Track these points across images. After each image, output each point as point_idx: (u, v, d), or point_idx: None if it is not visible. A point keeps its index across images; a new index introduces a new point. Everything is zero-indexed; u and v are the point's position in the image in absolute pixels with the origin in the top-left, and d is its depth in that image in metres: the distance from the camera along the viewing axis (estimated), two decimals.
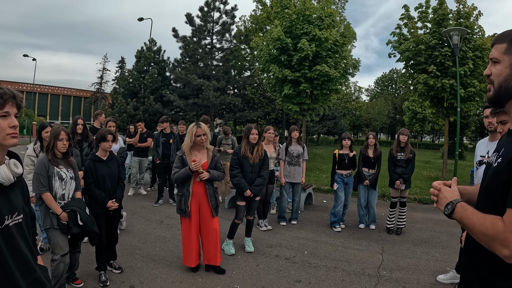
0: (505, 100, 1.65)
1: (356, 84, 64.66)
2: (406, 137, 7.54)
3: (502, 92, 1.63)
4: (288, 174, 8.11)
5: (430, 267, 5.77)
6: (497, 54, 1.65)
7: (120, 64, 63.81)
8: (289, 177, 8.11)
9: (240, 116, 26.25)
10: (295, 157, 8.09)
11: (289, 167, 8.11)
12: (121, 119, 22.98)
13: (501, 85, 1.63)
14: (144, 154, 10.93)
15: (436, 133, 67.00)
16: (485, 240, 1.48)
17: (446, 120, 15.43)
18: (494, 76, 1.66)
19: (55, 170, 4.26)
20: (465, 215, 1.58)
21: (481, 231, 1.49)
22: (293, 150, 8.11)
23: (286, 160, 8.11)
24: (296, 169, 8.11)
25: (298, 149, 8.15)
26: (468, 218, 1.56)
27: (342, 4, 35.12)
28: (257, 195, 6.27)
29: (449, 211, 1.66)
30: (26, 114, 49.95)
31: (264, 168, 6.31)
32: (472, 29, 14.03)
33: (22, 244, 1.81)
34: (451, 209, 1.65)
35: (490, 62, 1.70)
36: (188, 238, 5.28)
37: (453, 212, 1.64)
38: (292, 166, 8.09)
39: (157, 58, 26.27)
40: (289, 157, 8.09)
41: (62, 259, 4.23)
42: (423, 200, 11.00)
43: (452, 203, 1.66)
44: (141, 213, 8.71)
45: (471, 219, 1.54)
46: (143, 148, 10.80)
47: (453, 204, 1.65)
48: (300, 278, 5.26)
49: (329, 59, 16.34)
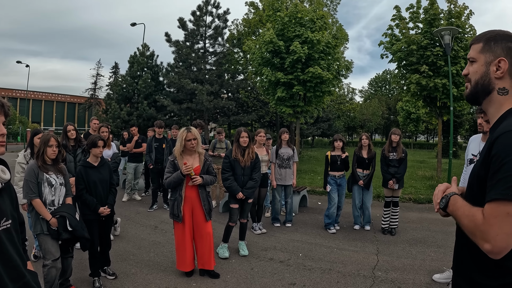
0: (482, 97, 1.70)
1: (349, 86, 64.67)
2: (398, 137, 7.55)
3: (479, 89, 1.69)
4: (279, 177, 8.13)
5: (426, 267, 5.77)
6: (474, 54, 1.71)
7: (113, 70, 63.85)
8: (281, 180, 8.13)
9: (234, 120, 26.20)
10: (286, 160, 8.11)
11: (280, 170, 8.13)
12: (115, 125, 22.87)
13: (478, 82, 1.69)
14: (139, 160, 10.93)
15: (430, 132, 67.24)
16: (469, 233, 1.50)
17: (440, 120, 15.47)
18: (471, 74, 1.72)
19: (44, 176, 4.24)
20: (455, 208, 1.59)
21: (465, 223, 1.51)
22: (283, 153, 8.13)
23: (277, 162, 8.13)
24: (287, 172, 8.13)
25: (288, 152, 8.18)
26: (457, 210, 1.58)
27: (334, 6, 35.27)
28: (249, 197, 6.28)
29: (444, 204, 1.67)
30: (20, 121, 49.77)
31: (255, 171, 6.32)
32: (464, 29, 14.08)
33: (11, 249, 1.81)
34: (445, 202, 1.66)
35: (468, 62, 1.76)
36: (182, 243, 5.25)
37: (447, 206, 1.65)
38: (283, 168, 8.11)
39: (150, 63, 26.18)
40: (280, 160, 8.12)
41: (53, 264, 4.22)
42: (418, 199, 11.02)
43: (447, 196, 1.68)
44: (136, 219, 8.67)
45: (459, 210, 1.56)
46: (138, 153, 10.81)
47: (447, 197, 1.67)
48: (295, 281, 5.23)
49: (321, 61, 16.36)
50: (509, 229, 1.36)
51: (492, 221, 1.39)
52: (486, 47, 1.66)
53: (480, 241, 1.43)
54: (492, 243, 1.38)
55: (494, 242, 1.37)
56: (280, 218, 8.36)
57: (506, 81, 1.61)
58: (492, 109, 1.68)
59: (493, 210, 1.40)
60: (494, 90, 1.64)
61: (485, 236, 1.40)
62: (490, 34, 1.68)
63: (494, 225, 1.38)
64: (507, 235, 1.36)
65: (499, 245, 1.37)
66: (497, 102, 1.64)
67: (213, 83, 23.56)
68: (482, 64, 1.67)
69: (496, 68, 1.62)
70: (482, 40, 1.69)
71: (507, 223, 1.36)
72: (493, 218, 1.39)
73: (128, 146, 10.73)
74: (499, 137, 1.47)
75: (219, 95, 25.08)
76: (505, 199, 1.37)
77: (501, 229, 1.37)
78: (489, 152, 1.50)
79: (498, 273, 1.52)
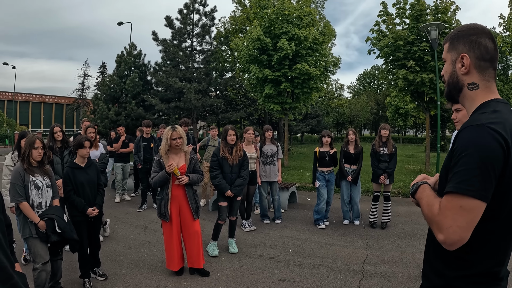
0: (456, 95, 1.73)
1: (337, 82, 64.87)
2: (387, 132, 7.62)
3: (451, 88, 1.73)
4: (264, 174, 8.17)
5: (415, 260, 5.83)
6: (444, 54, 1.77)
7: (101, 70, 63.45)
8: (265, 177, 8.18)
9: (223, 118, 26.16)
10: (270, 156, 8.15)
11: (264, 167, 8.17)
12: (103, 125, 22.70)
13: (449, 82, 1.73)
14: (127, 160, 10.87)
15: (419, 127, 67.70)
16: (428, 222, 1.56)
17: (427, 114, 15.62)
18: (444, 74, 1.76)
19: (30, 179, 4.21)
20: (422, 196, 1.64)
21: (425, 212, 1.57)
22: (267, 150, 8.18)
23: (261, 159, 8.17)
24: (272, 168, 8.17)
25: (272, 148, 8.23)
26: (422, 198, 1.63)
27: (321, 3, 35.23)
28: (237, 195, 6.30)
29: (413, 190, 1.72)
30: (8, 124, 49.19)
31: (244, 169, 6.34)
32: (450, 24, 14.22)
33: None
34: (415, 189, 1.71)
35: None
36: (170, 242, 5.26)
37: (416, 192, 1.70)
38: (268, 165, 8.15)
39: (137, 62, 26.02)
40: (264, 157, 8.17)
41: (43, 267, 4.20)
42: (406, 194, 11.09)
43: (417, 183, 1.72)
44: (125, 219, 8.64)
45: (424, 199, 1.61)
46: (125, 153, 10.76)
47: (417, 185, 1.71)
48: (285, 277, 5.26)
49: (309, 57, 16.40)
50: (462, 222, 1.40)
51: (446, 213, 1.43)
52: (451, 45, 1.71)
53: (435, 231, 1.48)
54: (445, 235, 1.42)
55: (447, 233, 1.42)
56: (269, 215, 8.39)
57: (473, 76, 1.64)
58: (466, 104, 1.71)
59: (448, 202, 1.44)
60: (464, 86, 1.67)
61: (439, 227, 1.45)
62: (454, 32, 1.72)
63: (448, 217, 1.42)
64: (460, 228, 1.40)
65: (452, 237, 1.41)
66: (469, 97, 1.67)
67: (201, 81, 23.48)
68: (450, 63, 1.71)
69: (461, 65, 1.65)
70: (448, 39, 1.73)
71: (459, 216, 1.40)
72: (447, 210, 1.43)
73: (115, 146, 10.62)
74: (460, 132, 1.51)
75: (207, 93, 24.99)
76: (458, 192, 1.41)
77: (454, 221, 1.41)
78: (453, 145, 1.55)
79: (458, 265, 1.57)
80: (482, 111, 1.56)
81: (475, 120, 1.51)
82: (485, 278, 1.55)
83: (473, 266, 1.54)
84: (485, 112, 1.54)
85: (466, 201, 1.39)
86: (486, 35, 1.63)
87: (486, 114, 1.51)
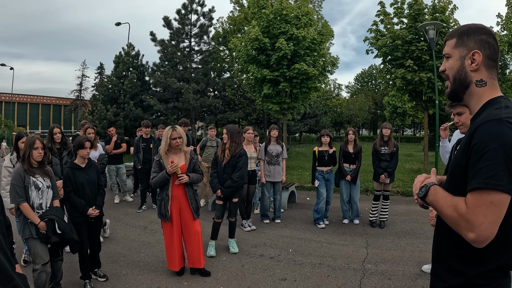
0: (461, 92, 1.72)
1: (335, 82, 64.95)
2: (389, 131, 7.62)
3: (457, 84, 1.71)
4: (268, 174, 8.15)
5: (415, 258, 5.84)
6: (448, 49, 1.75)
7: (99, 70, 63.33)
8: (269, 176, 8.15)
9: (221, 118, 26.19)
10: (274, 157, 8.12)
11: (269, 167, 8.14)
12: (101, 126, 22.69)
13: (455, 78, 1.72)
14: (120, 161, 10.54)
15: (417, 126, 67.80)
16: (452, 223, 1.51)
17: (426, 113, 15.65)
18: (448, 70, 1.75)
19: (31, 180, 4.20)
20: (436, 198, 1.61)
21: (448, 213, 1.52)
22: (272, 150, 8.15)
23: (266, 159, 8.14)
24: (276, 168, 8.14)
25: (277, 149, 8.20)
26: (438, 200, 1.59)
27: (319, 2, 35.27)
28: (228, 196, 6.25)
29: (423, 193, 1.69)
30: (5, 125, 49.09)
31: (236, 170, 6.20)
32: (448, 23, 14.27)
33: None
34: (425, 192, 1.68)
35: (444, 59, 1.79)
36: (171, 242, 5.25)
37: (427, 195, 1.67)
38: (272, 165, 8.13)
39: (135, 63, 26.03)
40: (268, 157, 8.14)
41: (43, 268, 4.18)
42: (406, 192, 11.14)
43: (426, 185, 1.69)
44: (125, 220, 8.62)
45: (441, 201, 1.58)
46: (118, 155, 10.44)
47: (426, 187, 1.68)
48: (286, 276, 5.26)
49: (307, 57, 16.44)
50: (493, 218, 1.39)
51: (476, 210, 1.41)
52: (459, 41, 1.70)
53: (464, 231, 1.45)
54: (477, 232, 1.40)
55: (479, 231, 1.40)
56: (269, 215, 8.39)
57: (482, 73, 1.65)
58: (472, 102, 1.70)
59: (476, 199, 1.42)
60: (471, 83, 1.67)
61: (470, 225, 1.42)
62: (462, 28, 1.71)
63: (479, 214, 1.40)
64: (491, 224, 1.39)
65: (484, 234, 1.39)
66: (476, 94, 1.67)
67: (199, 82, 23.50)
68: (457, 59, 1.70)
69: (471, 61, 1.65)
70: (455, 35, 1.72)
71: (490, 212, 1.39)
72: (477, 207, 1.41)
73: (108, 148, 10.15)
74: (478, 128, 1.49)
75: (205, 93, 25.03)
76: (488, 188, 1.39)
77: (485, 218, 1.39)
78: (469, 142, 1.52)
79: (478, 262, 1.56)
80: (496, 107, 1.55)
81: (491, 115, 1.50)
82: (501, 272, 1.56)
83: (492, 261, 1.54)
84: (499, 107, 1.54)
85: (496, 196, 1.38)
86: (493, 36, 1.66)
87: (501, 109, 1.51)
